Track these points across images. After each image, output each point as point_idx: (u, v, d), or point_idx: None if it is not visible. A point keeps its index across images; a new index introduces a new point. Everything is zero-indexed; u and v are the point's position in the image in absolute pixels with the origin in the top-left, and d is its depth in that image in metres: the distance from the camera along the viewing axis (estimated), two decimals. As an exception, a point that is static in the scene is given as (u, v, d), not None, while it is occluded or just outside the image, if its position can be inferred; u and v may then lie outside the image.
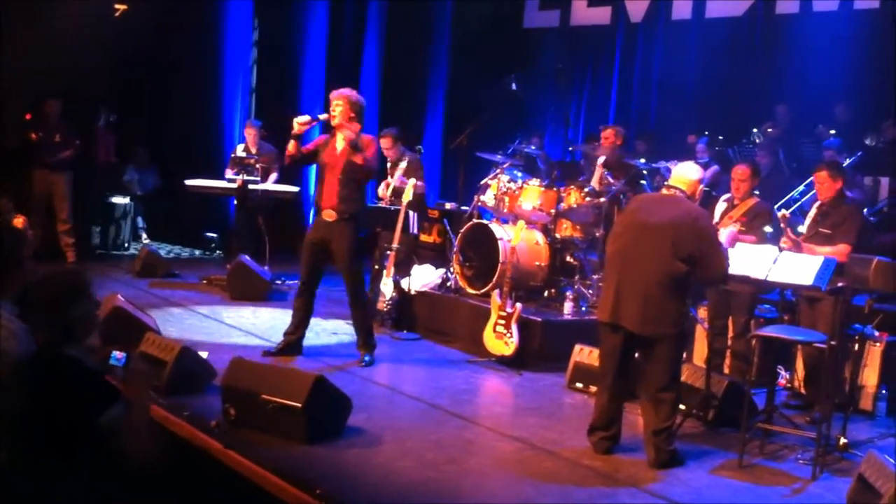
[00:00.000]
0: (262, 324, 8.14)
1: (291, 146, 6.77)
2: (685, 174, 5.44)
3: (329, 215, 6.75)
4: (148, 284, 9.49)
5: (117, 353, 5.72)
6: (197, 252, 11.88)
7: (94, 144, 11.39)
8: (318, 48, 12.35)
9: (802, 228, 6.57)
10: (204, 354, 6.25)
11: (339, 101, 6.72)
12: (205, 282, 9.76)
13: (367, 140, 6.82)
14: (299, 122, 6.71)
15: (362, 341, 7.01)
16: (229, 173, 9.73)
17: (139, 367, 3.28)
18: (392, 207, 8.31)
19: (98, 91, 10.95)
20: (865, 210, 8.38)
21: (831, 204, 6.48)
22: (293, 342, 6.96)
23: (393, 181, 8.60)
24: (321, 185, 6.84)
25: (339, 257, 6.85)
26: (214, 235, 11.72)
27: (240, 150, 9.99)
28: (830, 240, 6.34)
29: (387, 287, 8.20)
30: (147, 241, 11.47)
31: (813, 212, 6.64)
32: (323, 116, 6.81)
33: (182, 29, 11.42)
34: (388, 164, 8.86)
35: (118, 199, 11.62)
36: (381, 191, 8.88)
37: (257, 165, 9.56)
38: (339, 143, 6.77)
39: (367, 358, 6.95)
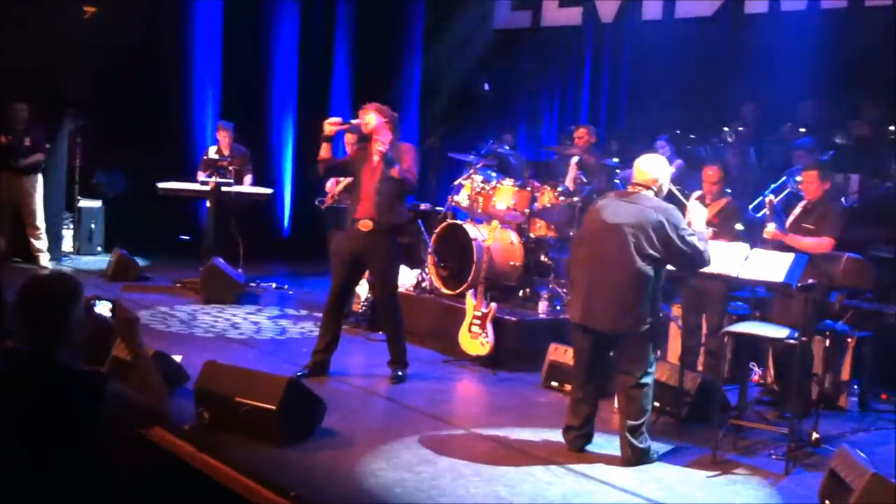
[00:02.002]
0: (236, 326, 8.10)
1: (324, 150, 6.38)
2: (646, 169, 5.39)
3: (365, 225, 6.42)
4: (120, 288, 9.42)
5: (101, 303, 5.64)
6: (169, 255, 11.79)
7: (63, 148, 11.27)
8: (290, 50, 12.32)
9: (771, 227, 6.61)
10: (177, 358, 6.21)
11: (370, 110, 6.44)
12: (178, 284, 9.70)
13: (404, 148, 6.54)
14: (330, 122, 6.36)
15: (395, 357, 6.71)
16: (201, 176, 9.67)
17: (127, 316, 3.26)
18: (342, 206, 8.06)
19: (68, 94, 10.85)
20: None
21: (816, 203, 6.54)
22: (323, 361, 6.63)
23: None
24: (356, 193, 6.50)
25: (375, 270, 6.65)
26: (187, 238, 11.64)
27: (212, 153, 9.93)
28: (814, 234, 6.40)
29: (361, 288, 8.18)
30: (118, 246, 11.36)
31: (797, 210, 6.69)
32: (356, 121, 6.48)
33: (152, 30, 11.33)
34: None
35: (88, 203, 11.52)
36: (329, 187, 8.75)
37: (230, 167, 9.51)
38: (376, 154, 6.43)
39: (398, 374, 6.67)
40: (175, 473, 4.89)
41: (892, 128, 8.96)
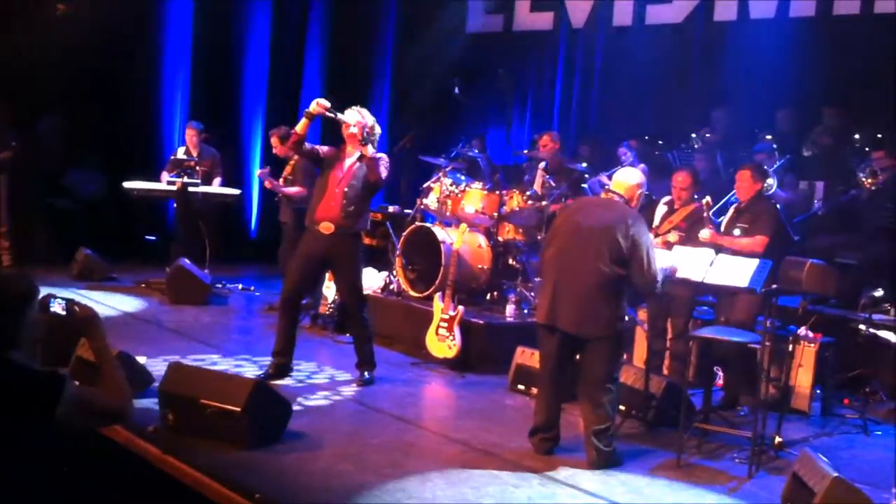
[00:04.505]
0: (202, 328, 8.04)
1: (301, 126, 6.32)
2: (624, 179, 5.50)
3: (326, 228, 6.39)
4: (85, 288, 9.32)
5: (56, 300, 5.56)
6: (136, 255, 11.68)
7: (34, 147, 11.13)
8: (261, 51, 12.27)
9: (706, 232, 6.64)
10: (142, 359, 6.16)
11: (358, 122, 6.42)
12: (143, 285, 9.62)
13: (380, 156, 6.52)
14: (320, 102, 6.31)
15: (363, 359, 6.69)
16: (166, 176, 9.60)
17: (84, 313, 3.20)
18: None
19: (39, 93, 10.72)
20: (802, 214, 8.59)
21: (749, 203, 6.62)
22: (283, 364, 6.57)
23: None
24: (320, 197, 6.46)
25: (341, 275, 6.63)
26: (154, 238, 11.55)
27: (180, 153, 9.86)
28: (748, 233, 6.48)
29: (329, 290, 8.16)
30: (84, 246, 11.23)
31: (730, 212, 6.77)
32: (342, 116, 6.42)
33: (122, 30, 11.24)
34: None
35: (60, 203, 11.37)
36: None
37: (197, 168, 9.44)
38: (349, 158, 6.45)
39: (366, 376, 6.65)
40: (139, 476, 4.85)
41: (857, 136, 9.07)
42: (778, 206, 7.37)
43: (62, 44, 10.29)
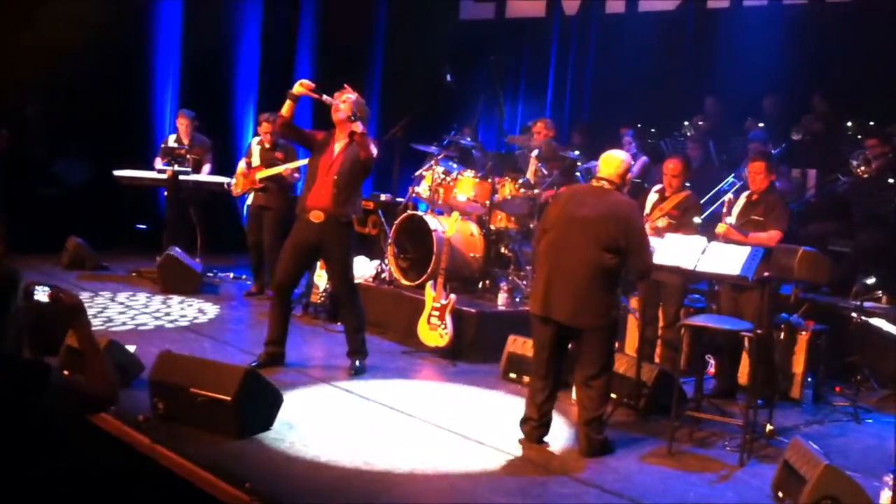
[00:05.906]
0: (193, 317, 8.01)
1: (286, 108, 6.28)
2: (611, 163, 5.43)
3: (317, 216, 6.34)
4: (76, 277, 9.30)
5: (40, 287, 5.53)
6: (127, 244, 11.64)
7: (22, 135, 11.06)
8: (252, 39, 12.20)
9: (731, 219, 6.62)
10: (132, 348, 6.13)
11: (350, 101, 6.33)
12: (134, 274, 9.59)
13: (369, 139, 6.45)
14: (303, 81, 6.26)
15: (354, 348, 6.68)
16: (159, 163, 9.54)
17: (69, 301, 3.17)
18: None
19: (26, 81, 10.65)
20: (794, 202, 8.59)
21: (762, 194, 6.60)
22: (277, 353, 6.56)
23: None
24: (310, 184, 6.41)
25: (332, 263, 6.62)
26: (145, 227, 11.51)
27: (171, 141, 9.81)
28: (762, 227, 6.47)
29: (321, 279, 8.14)
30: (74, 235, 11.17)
31: (742, 201, 6.74)
32: (328, 99, 6.34)
33: (113, 17, 11.17)
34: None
35: (49, 192, 11.31)
36: (241, 170, 8.98)
37: (188, 156, 9.39)
38: (338, 144, 6.41)
39: (357, 365, 6.63)
40: (129, 465, 4.84)
41: (849, 123, 9.05)
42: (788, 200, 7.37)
43: (53, 32, 10.22)
